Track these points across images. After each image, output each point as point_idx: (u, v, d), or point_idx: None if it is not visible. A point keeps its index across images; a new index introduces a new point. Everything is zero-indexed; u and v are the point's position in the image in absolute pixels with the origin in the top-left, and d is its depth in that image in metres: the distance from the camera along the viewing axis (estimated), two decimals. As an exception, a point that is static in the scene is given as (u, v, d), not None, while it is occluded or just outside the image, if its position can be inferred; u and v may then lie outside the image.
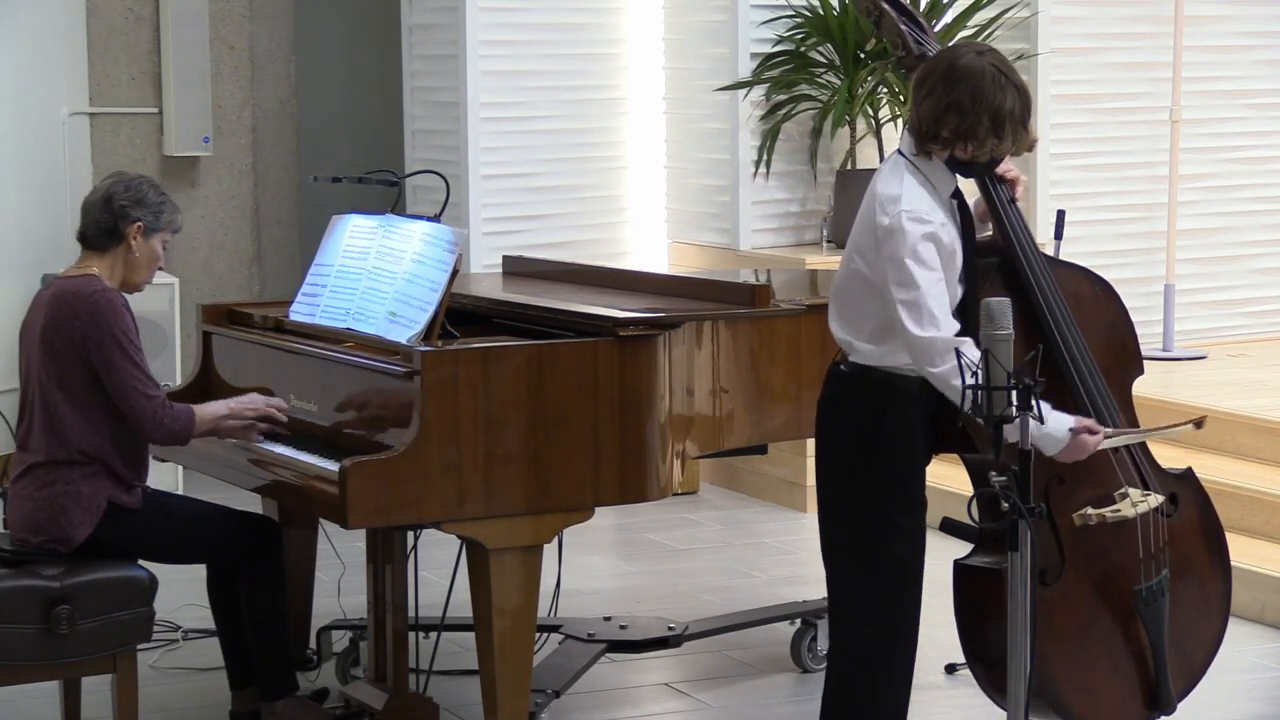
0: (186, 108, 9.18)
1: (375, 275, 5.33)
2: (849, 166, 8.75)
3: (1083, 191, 9.02)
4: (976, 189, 4.68)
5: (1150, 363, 5.35)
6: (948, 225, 4.41)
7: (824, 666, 4.96)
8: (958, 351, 4.21)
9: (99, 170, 8.79)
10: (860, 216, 4.51)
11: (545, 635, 5.94)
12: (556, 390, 5.04)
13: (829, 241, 8.75)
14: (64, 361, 5.12)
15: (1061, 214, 6.32)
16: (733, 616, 6.42)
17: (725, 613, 6.54)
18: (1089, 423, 4.42)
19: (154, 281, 5.41)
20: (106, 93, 9.16)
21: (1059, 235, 6.15)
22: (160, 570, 5.19)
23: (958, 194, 4.50)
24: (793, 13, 8.82)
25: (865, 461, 4.49)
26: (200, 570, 5.49)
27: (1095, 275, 4.91)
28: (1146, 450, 4.88)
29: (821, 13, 8.73)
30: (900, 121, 8.53)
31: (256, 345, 5.70)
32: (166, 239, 5.28)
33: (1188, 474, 4.97)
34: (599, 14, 9.23)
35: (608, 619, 6.26)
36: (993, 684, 4.66)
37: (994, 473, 4.17)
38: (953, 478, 7.10)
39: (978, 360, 4.13)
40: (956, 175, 4.48)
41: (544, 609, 5.39)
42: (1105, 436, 4.46)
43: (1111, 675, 4.74)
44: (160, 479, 6.21)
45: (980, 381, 4.09)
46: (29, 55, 8.64)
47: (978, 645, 4.69)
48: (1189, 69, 9.11)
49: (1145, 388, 4.94)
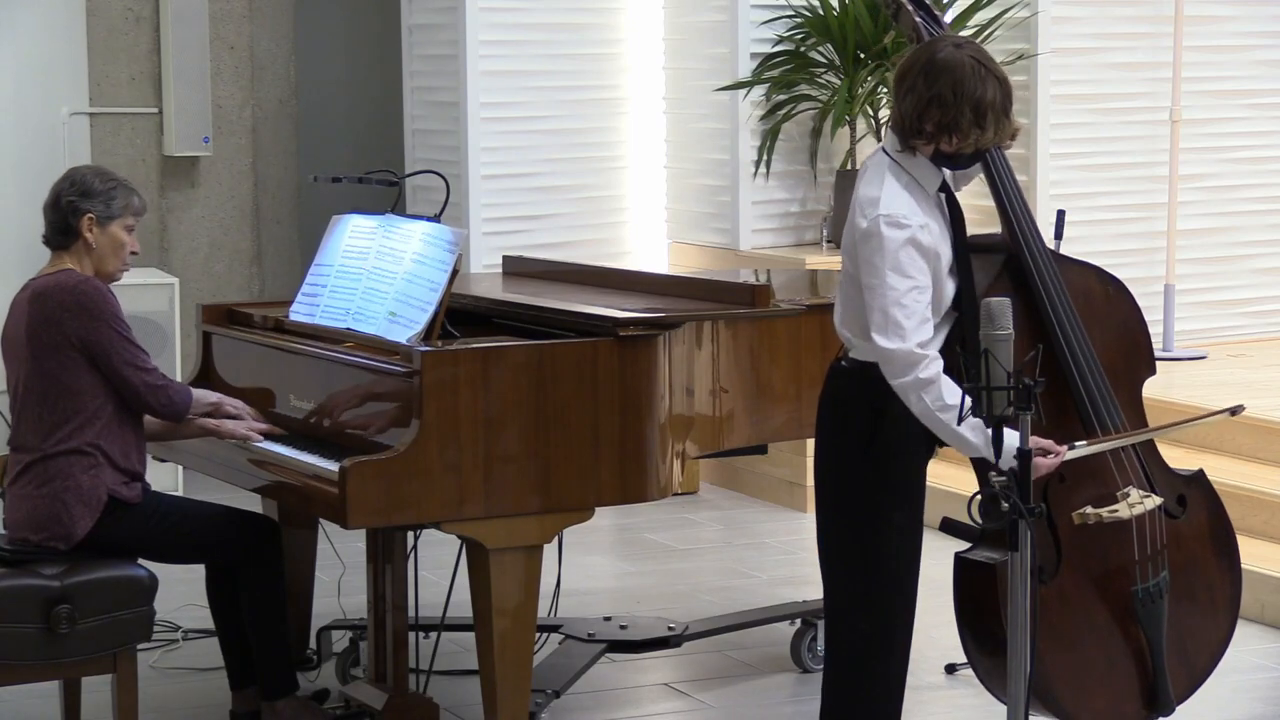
0: (186, 108, 9.18)
1: (375, 275, 5.33)
2: (849, 166, 8.75)
3: (1083, 191, 9.00)
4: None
5: (1150, 363, 5.34)
6: (929, 225, 4.38)
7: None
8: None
9: (99, 170, 8.78)
10: (848, 217, 4.52)
11: (545, 635, 5.94)
12: (556, 390, 5.03)
13: (829, 241, 8.76)
14: (57, 355, 5.12)
15: (1061, 214, 6.31)
16: (733, 616, 6.42)
17: (725, 613, 6.53)
18: (1045, 443, 4.38)
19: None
20: (106, 93, 9.16)
21: (1059, 235, 6.14)
22: (160, 570, 5.19)
23: (945, 187, 4.49)
24: (793, 13, 8.82)
25: (864, 457, 4.48)
26: (200, 570, 5.48)
27: (1107, 274, 4.89)
28: (1154, 450, 4.86)
29: (821, 13, 8.73)
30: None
31: (256, 345, 5.70)
32: (129, 223, 5.25)
33: (1199, 476, 4.95)
34: (599, 14, 9.23)
35: (608, 619, 6.26)
36: (991, 677, 4.65)
37: (994, 472, 4.17)
38: (953, 478, 7.14)
39: (958, 402, 4.17)
40: (943, 170, 4.47)
41: (544, 609, 5.39)
42: (1070, 449, 4.43)
43: (1107, 674, 4.73)
44: (160, 479, 6.21)
45: (983, 383, 4.10)
46: (29, 55, 8.64)
47: (977, 639, 4.69)
48: (1189, 69, 9.09)
49: (1145, 388, 4.93)
